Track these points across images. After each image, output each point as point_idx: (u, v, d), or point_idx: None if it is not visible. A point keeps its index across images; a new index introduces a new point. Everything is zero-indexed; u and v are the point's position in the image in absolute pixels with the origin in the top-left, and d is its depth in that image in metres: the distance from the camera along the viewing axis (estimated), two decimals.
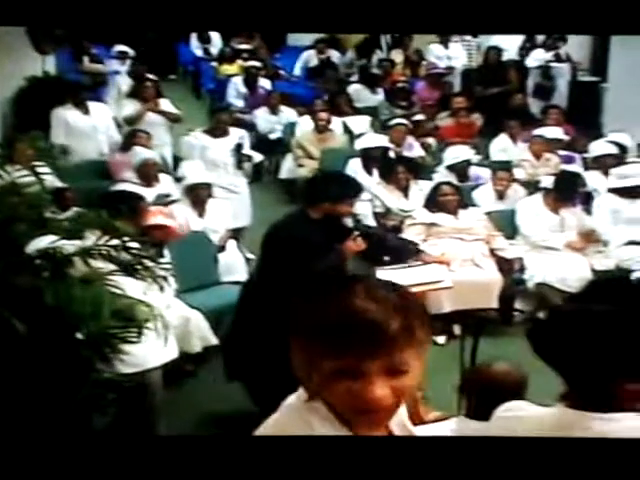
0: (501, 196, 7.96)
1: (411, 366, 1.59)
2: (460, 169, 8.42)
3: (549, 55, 12.88)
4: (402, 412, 1.78)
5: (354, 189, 5.25)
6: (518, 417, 2.13)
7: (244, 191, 8.36)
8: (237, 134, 8.36)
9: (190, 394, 5.75)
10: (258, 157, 8.79)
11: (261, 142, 10.25)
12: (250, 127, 10.22)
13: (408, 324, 1.56)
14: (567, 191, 7.42)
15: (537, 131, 9.27)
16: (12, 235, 3.69)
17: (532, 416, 2.11)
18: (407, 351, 1.57)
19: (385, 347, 1.54)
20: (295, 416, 1.65)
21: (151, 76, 9.76)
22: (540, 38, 13.07)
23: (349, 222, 5.21)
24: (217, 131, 8.25)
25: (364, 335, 1.52)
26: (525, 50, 13.57)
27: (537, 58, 12.95)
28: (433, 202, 7.18)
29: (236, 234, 7.81)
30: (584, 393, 2.01)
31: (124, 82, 10.51)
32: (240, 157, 8.16)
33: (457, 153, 8.61)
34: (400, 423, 1.78)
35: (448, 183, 7.40)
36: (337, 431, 1.62)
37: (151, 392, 4.61)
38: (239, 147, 8.12)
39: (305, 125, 10.19)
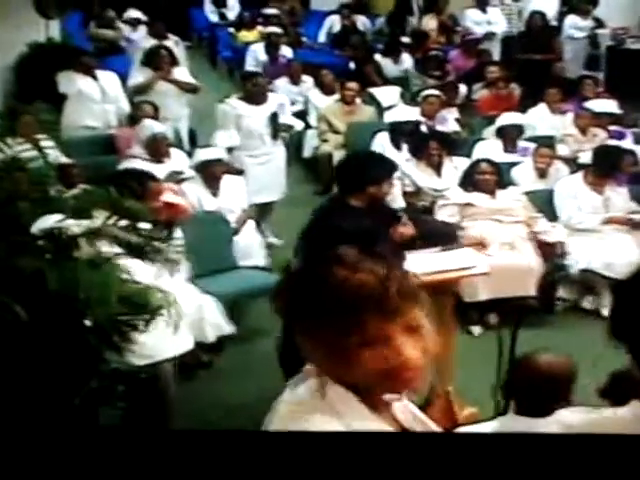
0: (542, 175, 7.90)
1: (424, 325, 1.78)
2: (511, 135, 8.41)
3: (589, 22, 12.77)
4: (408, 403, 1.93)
5: (390, 168, 5.24)
6: (589, 422, 2.12)
7: (281, 162, 8.33)
8: (276, 101, 8.27)
9: (205, 386, 5.77)
10: (299, 125, 8.71)
11: None
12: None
13: (404, 285, 1.77)
14: (607, 166, 7.35)
15: (586, 104, 9.18)
16: (14, 214, 3.70)
17: (607, 417, 2.10)
18: (415, 310, 1.78)
19: (395, 308, 1.74)
20: (318, 406, 1.77)
21: (170, 40, 9.71)
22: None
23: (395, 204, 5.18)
24: (253, 98, 8.13)
25: (374, 303, 1.72)
26: (562, 15, 13.46)
27: (578, 26, 12.82)
28: (469, 181, 7.14)
29: (264, 209, 7.90)
30: None
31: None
32: (277, 126, 8.10)
33: (511, 118, 8.59)
34: (406, 410, 1.91)
35: (486, 160, 7.35)
36: (361, 412, 1.78)
37: (163, 385, 4.63)
38: (275, 116, 8.06)
39: (318, 97, 10.20)
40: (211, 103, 8.66)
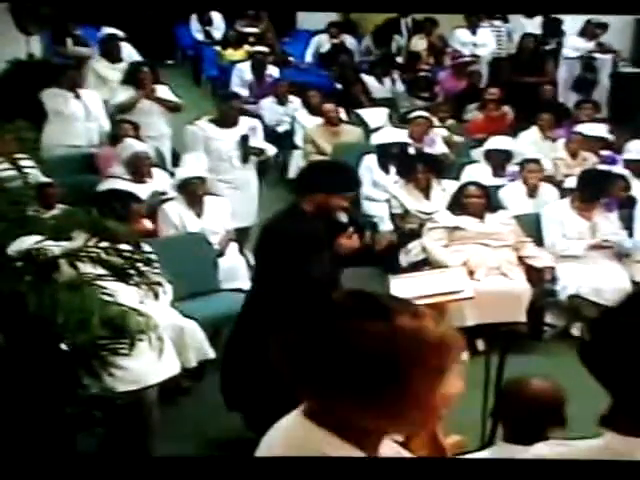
0: (532, 193, 7.94)
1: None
2: (498, 160, 8.46)
3: (591, 45, 12.83)
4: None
5: (350, 182, 5.28)
6: (560, 454, 2.13)
7: (253, 187, 8.33)
8: (247, 124, 8.26)
9: (185, 413, 5.75)
10: (271, 150, 8.66)
11: (267, 135, 10.24)
12: (256, 118, 10.21)
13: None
14: (592, 191, 7.39)
15: (577, 127, 9.25)
16: None
17: (579, 448, 2.12)
18: None
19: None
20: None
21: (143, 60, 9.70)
22: (577, 26, 13.00)
23: (343, 217, 5.18)
24: (224, 120, 8.16)
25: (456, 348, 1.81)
26: (545, 36, 13.49)
27: (576, 47, 12.88)
28: (458, 204, 7.17)
29: (241, 235, 7.81)
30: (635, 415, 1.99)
31: (100, 65, 10.41)
32: (247, 150, 8.08)
33: (499, 142, 8.65)
34: (389, 446, 1.91)
35: (475, 183, 7.39)
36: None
37: (147, 411, 4.61)
38: (245, 139, 8.04)
39: (305, 118, 10.24)
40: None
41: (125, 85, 9.10)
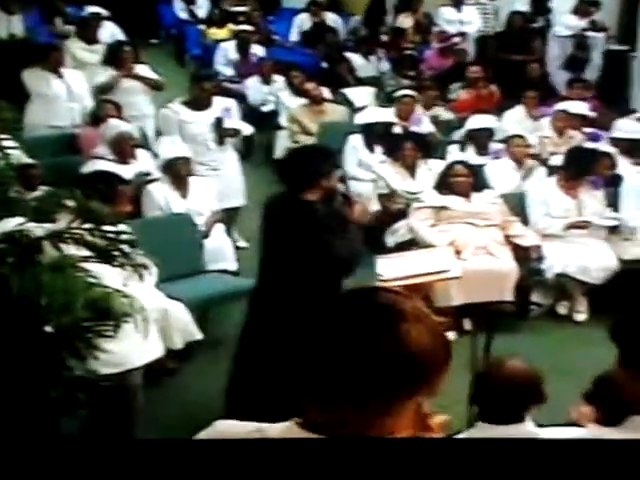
0: (519, 166, 7.97)
1: None
2: (481, 139, 8.48)
3: (583, 23, 12.79)
4: None
5: (334, 158, 5.39)
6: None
7: (233, 168, 8.26)
8: (221, 105, 8.17)
9: (171, 394, 5.75)
10: (248, 129, 8.61)
11: (252, 115, 10.21)
12: (240, 98, 10.18)
13: None
14: (578, 169, 7.41)
15: (560, 105, 9.27)
16: None
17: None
18: None
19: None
20: None
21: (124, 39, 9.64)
22: (569, 4, 12.97)
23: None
24: (197, 103, 8.10)
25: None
26: (534, 14, 13.46)
27: (569, 25, 12.85)
28: (444, 183, 7.18)
29: (228, 216, 7.81)
30: None
31: (76, 46, 10.33)
32: (221, 132, 7.99)
33: (480, 121, 8.65)
34: None
35: (462, 162, 7.40)
36: None
37: (131, 394, 4.61)
38: (219, 121, 7.96)
39: (288, 98, 10.24)
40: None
41: (106, 65, 9.05)
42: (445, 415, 4.83)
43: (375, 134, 8.50)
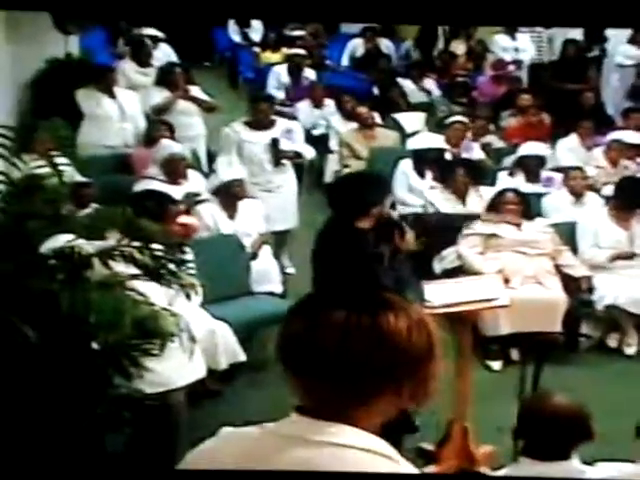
0: (578, 199, 7.90)
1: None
2: (532, 166, 8.43)
3: None
4: None
5: (386, 184, 5.39)
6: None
7: (289, 190, 8.26)
8: (282, 127, 8.20)
9: (214, 416, 5.76)
10: (310, 153, 8.53)
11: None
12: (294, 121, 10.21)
13: None
14: (630, 199, 7.32)
15: (614, 135, 9.18)
16: (26, 232, 3.72)
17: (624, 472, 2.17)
18: None
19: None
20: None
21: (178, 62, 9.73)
22: (626, 33, 12.88)
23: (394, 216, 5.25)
24: (257, 123, 8.12)
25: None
26: (590, 43, 13.39)
27: (629, 55, 12.76)
28: (495, 210, 7.14)
29: (278, 238, 7.84)
30: None
31: (129, 68, 10.47)
32: (277, 153, 8.02)
33: (531, 148, 8.62)
34: None
35: (513, 190, 7.35)
36: None
37: (174, 414, 4.62)
38: (275, 142, 7.99)
39: (339, 122, 10.28)
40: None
41: (158, 86, 9.16)
42: (490, 446, 4.79)
43: (426, 160, 8.48)
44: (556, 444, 3.40)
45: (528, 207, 7.27)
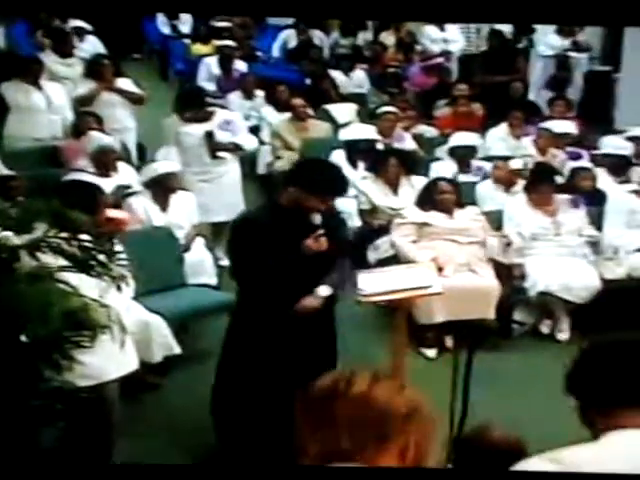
0: (507, 189, 7.98)
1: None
2: (463, 156, 8.53)
3: (566, 43, 12.90)
4: None
5: (336, 187, 5.03)
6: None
7: (229, 181, 8.17)
8: (220, 118, 8.10)
9: (152, 409, 5.71)
10: (251, 144, 8.41)
11: None
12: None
13: None
14: (542, 185, 7.41)
15: (544, 124, 9.30)
16: None
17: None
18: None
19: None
20: None
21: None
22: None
23: (317, 219, 5.03)
24: (194, 115, 8.04)
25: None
26: (518, 34, 13.58)
27: (552, 45, 12.94)
28: (427, 199, 7.16)
29: (217, 229, 7.82)
30: None
31: (50, 59, 10.28)
32: (212, 145, 7.93)
33: (463, 138, 8.69)
34: None
35: (446, 179, 7.39)
36: None
37: (108, 407, 4.55)
38: (209, 135, 7.91)
39: (271, 113, 10.27)
40: (161, 117, 8.58)
41: (86, 78, 9.03)
42: None
43: (358, 150, 8.50)
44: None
45: (460, 196, 7.31)
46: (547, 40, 13.00)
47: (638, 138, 8.85)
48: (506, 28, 13.30)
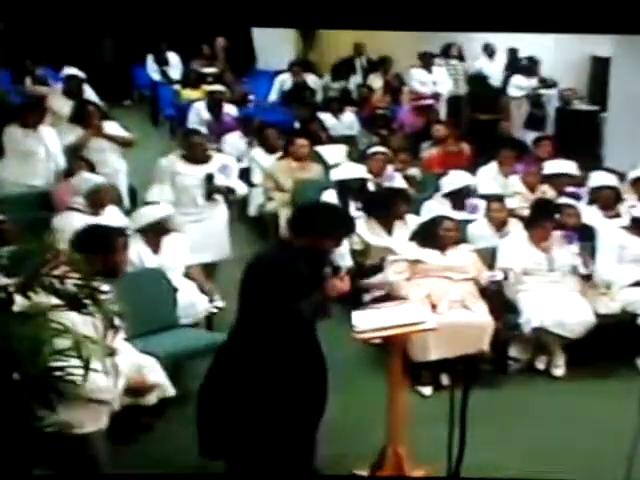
0: (499, 229, 7.96)
1: None
2: (459, 196, 8.51)
3: (533, 82, 13.15)
4: None
5: (350, 228, 5.25)
6: None
7: (218, 222, 8.18)
8: (219, 162, 8.14)
9: (146, 450, 5.64)
10: (242, 189, 8.46)
11: None
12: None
13: None
14: (540, 219, 7.42)
15: (547, 169, 9.28)
16: None
17: None
18: None
19: None
20: None
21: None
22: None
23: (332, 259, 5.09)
24: (193, 156, 8.06)
25: None
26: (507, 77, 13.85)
27: (520, 86, 13.20)
28: (427, 236, 7.16)
29: (207, 269, 7.77)
30: None
31: (61, 104, 10.34)
32: (211, 188, 7.95)
33: (456, 178, 8.70)
34: None
35: (448, 218, 7.34)
36: None
37: (90, 447, 4.41)
38: (210, 178, 7.91)
39: (261, 156, 10.32)
40: (152, 161, 8.58)
41: (72, 124, 9.04)
42: (425, 467, 4.76)
43: (349, 190, 8.51)
44: None
45: (461, 234, 7.33)
46: (514, 81, 13.30)
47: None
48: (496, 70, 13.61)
